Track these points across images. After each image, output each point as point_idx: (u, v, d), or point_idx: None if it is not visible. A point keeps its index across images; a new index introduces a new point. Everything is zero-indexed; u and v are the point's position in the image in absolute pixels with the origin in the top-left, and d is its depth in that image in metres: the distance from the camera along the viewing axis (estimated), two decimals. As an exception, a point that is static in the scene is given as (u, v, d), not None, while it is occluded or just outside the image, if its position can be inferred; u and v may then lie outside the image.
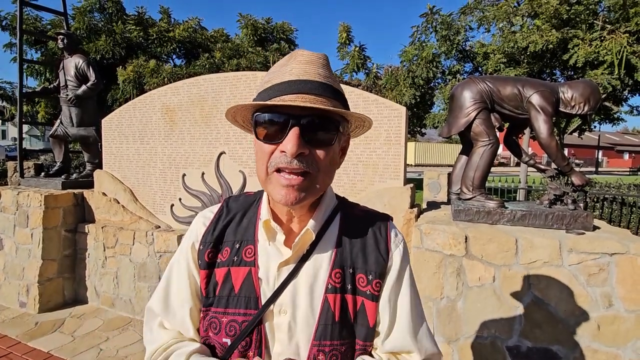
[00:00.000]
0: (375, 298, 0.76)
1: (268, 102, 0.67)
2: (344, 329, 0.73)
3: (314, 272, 0.75)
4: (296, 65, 0.69)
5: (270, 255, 0.76)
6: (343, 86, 1.01)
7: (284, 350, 0.73)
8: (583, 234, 2.19)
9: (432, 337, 0.81)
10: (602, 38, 6.43)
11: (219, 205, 0.86)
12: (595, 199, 4.87)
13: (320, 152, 0.69)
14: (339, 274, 0.75)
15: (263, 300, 0.74)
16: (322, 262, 0.76)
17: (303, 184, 0.67)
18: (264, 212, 0.78)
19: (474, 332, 2.20)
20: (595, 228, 2.33)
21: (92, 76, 4.24)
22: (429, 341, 0.80)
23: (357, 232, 0.80)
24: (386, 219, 0.85)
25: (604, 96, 6.81)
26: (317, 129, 0.67)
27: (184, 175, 3.77)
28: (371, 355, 0.77)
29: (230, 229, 0.81)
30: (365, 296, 0.75)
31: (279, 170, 0.67)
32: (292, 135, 0.65)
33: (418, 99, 8.89)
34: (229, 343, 0.73)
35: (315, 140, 0.68)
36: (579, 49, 6.52)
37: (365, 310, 0.75)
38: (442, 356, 0.82)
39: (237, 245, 0.78)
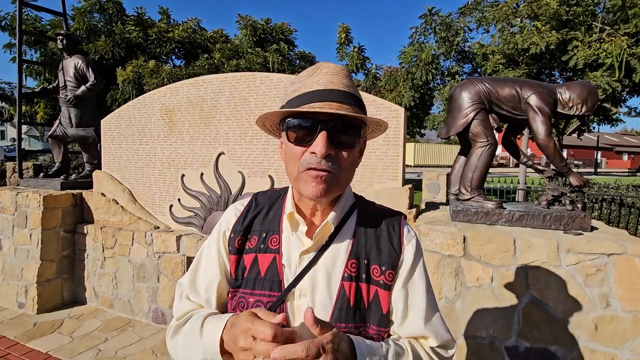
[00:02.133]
0: (388, 287, 0.83)
1: (300, 109, 0.74)
2: (357, 313, 0.81)
3: (332, 261, 0.83)
4: (323, 77, 0.77)
5: (293, 244, 0.85)
6: None
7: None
8: (581, 234, 2.19)
9: (446, 325, 0.89)
10: (601, 40, 6.45)
11: (249, 198, 0.96)
12: (594, 200, 4.89)
13: (344, 154, 0.77)
14: (355, 264, 0.83)
15: (285, 284, 0.82)
16: (339, 252, 0.84)
17: (329, 180, 0.76)
18: (289, 205, 0.87)
19: (473, 332, 2.21)
20: (593, 229, 2.34)
21: (91, 77, 4.25)
22: (443, 328, 0.87)
23: (372, 227, 0.88)
24: (399, 216, 0.93)
25: (602, 97, 6.82)
26: (341, 133, 0.76)
27: (183, 175, 3.77)
28: (389, 338, 0.84)
29: (258, 220, 0.90)
30: (379, 285, 0.83)
31: (308, 169, 0.76)
32: (321, 138, 0.74)
33: (417, 100, 8.91)
34: None
35: (340, 143, 0.76)
36: (578, 50, 6.53)
37: (379, 298, 0.82)
38: (455, 344, 0.89)
39: (264, 235, 0.87)
